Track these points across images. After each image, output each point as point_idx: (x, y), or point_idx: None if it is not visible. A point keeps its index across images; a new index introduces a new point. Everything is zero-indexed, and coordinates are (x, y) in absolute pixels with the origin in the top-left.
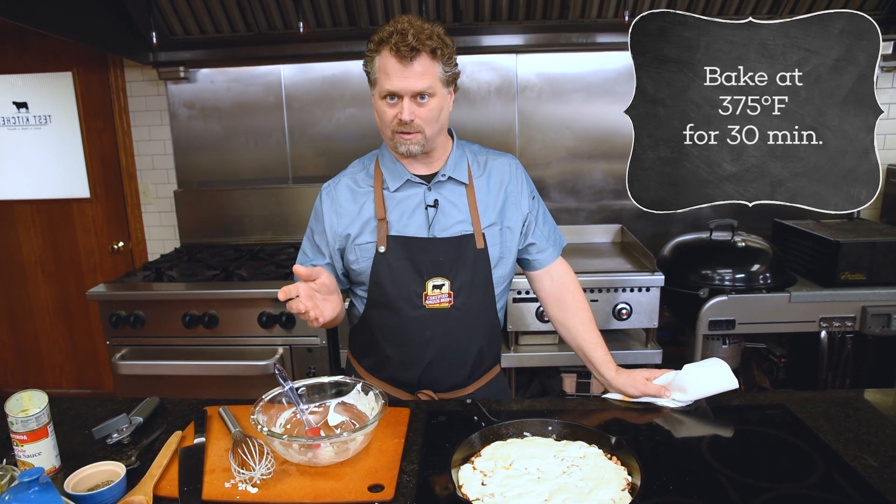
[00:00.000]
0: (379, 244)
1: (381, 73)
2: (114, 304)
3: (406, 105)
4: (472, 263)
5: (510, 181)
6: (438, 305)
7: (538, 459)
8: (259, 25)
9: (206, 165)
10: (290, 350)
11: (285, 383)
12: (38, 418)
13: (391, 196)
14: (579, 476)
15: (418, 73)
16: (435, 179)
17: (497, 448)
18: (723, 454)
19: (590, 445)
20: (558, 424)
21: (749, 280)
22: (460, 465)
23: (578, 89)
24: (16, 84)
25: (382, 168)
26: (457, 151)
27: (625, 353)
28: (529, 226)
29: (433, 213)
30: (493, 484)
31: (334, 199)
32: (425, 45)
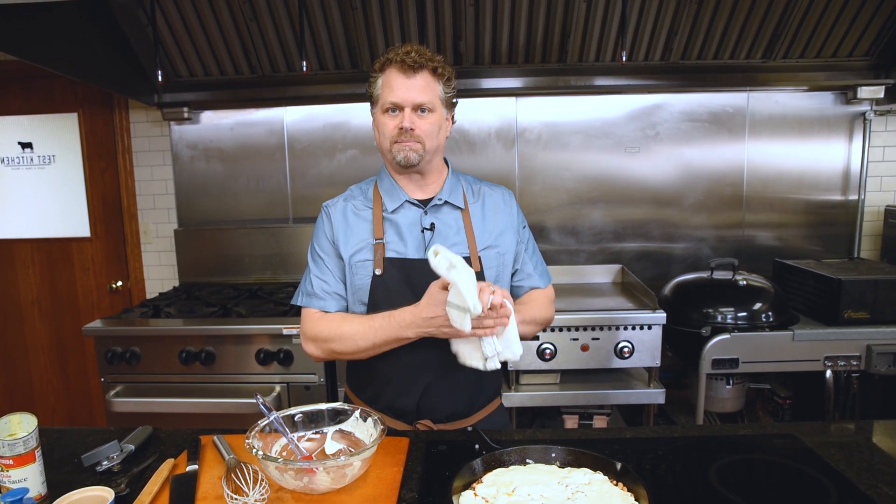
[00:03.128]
0: (375, 266)
1: (384, 88)
2: (109, 340)
3: (407, 114)
4: None
5: (504, 210)
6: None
7: (542, 486)
8: (263, 68)
9: (207, 205)
10: (288, 388)
11: (269, 413)
12: (26, 442)
13: (388, 217)
14: (585, 502)
15: (420, 87)
16: (431, 203)
17: (499, 475)
18: (732, 482)
19: (595, 472)
20: (562, 451)
21: (751, 318)
22: (461, 492)
23: (577, 132)
24: (22, 124)
25: (381, 191)
26: (452, 178)
27: (627, 393)
28: (519, 254)
29: (429, 235)
30: None
31: (333, 216)
32: (428, 63)
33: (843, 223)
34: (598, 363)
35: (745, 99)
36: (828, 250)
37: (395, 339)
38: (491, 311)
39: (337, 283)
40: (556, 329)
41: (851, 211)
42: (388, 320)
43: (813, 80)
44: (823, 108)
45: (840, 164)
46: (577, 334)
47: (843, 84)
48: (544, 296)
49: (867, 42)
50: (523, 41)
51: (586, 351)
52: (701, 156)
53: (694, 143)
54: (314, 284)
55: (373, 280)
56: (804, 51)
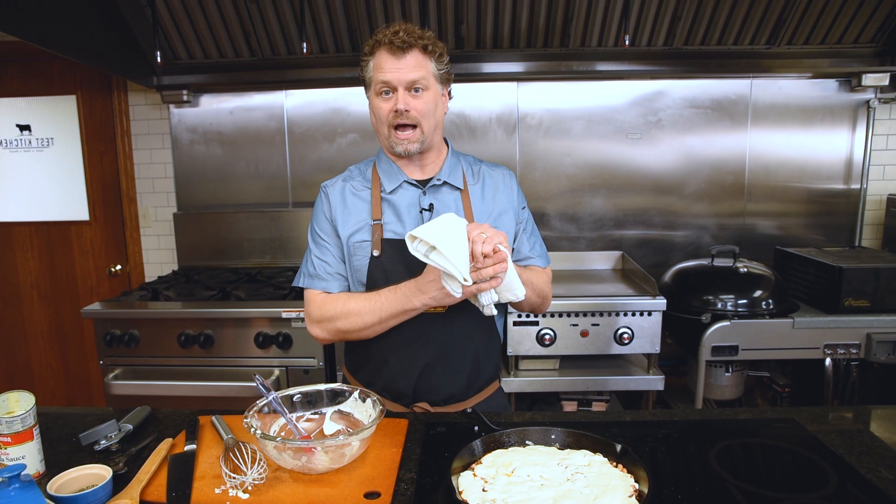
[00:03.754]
0: (373, 248)
1: (375, 71)
2: (108, 322)
3: (401, 95)
4: None
5: (504, 190)
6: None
7: (541, 467)
8: (263, 51)
9: (206, 189)
10: (287, 371)
11: (268, 393)
12: (24, 420)
13: (387, 198)
14: (584, 483)
15: (411, 65)
16: (430, 184)
17: (498, 456)
18: (732, 465)
19: (594, 454)
20: (561, 433)
21: (752, 306)
22: (460, 473)
23: (579, 118)
24: (20, 107)
25: (379, 171)
26: (452, 158)
27: (626, 379)
28: (518, 235)
29: (427, 216)
30: (494, 490)
31: (331, 197)
32: (417, 42)
33: (845, 212)
34: (597, 349)
35: (749, 86)
36: (829, 239)
37: (402, 311)
38: (487, 260)
39: (338, 264)
40: (556, 314)
41: (853, 200)
42: (395, 292)
43: (817, 67)
44: (827, 95)
45: (843, 153)
46: (576, 320)
47: (847, 71)
48: (544, 272)
49: (873, 28)
50: (525, 25)
51: (586, 337)
52: (703, 143)
53: (696, 130)
54: (315, 265)
55: (371, 261)
56: (809, 37)
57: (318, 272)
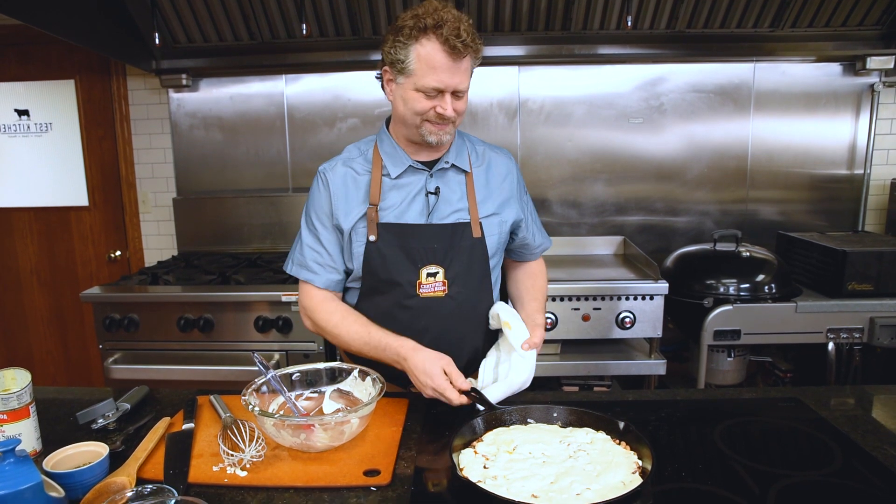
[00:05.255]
0: (369, 233)
1: (422, 65)
2: (108, 306)
3: (449, 101)
4: (468, 252)
5: (508, 176)
6: (432, 294)
7: (543, 444)
8: (262, 34)
9: (206, 174)
10: (287, 355)
11: (266, 371)
12: (20, 397)
13: (391, 183)
14: (587, 460)
15: (464, 71)
16: (437, 166)
17: (500, 434)
18: (736, 444)
19: (597, 432)
20: (564, 411)
21: (754, 290)
22: (461, 450)
23: (580, 102)
24: (18, 91)
25: (382, 154)
26: (458, 140)
27: (627, 364)
28: (525, 224)
29: (434, 200)
30: (495, 467)
31: (331, 184)
32: (474, 42)
33: (848, 198)
34: (599, 333)
35: (752, 70)
36: (832, 225)
37: (381, 361)
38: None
39: (329, 256)
40: (557, 299)
41: (857, 185)
42: (384, 347)
43: (821, 50)
44: (831, 79)
45: (846, 138)
46: (578, 304)
47: (851, 54)
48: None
49: (878, 11)
50: (527, 8)
51: (587, 321)
52: (705, 128)
53: (698, 115)
54: (306, 255)
55: (367, 245)
56: (813, 20)
57: (307, 262)
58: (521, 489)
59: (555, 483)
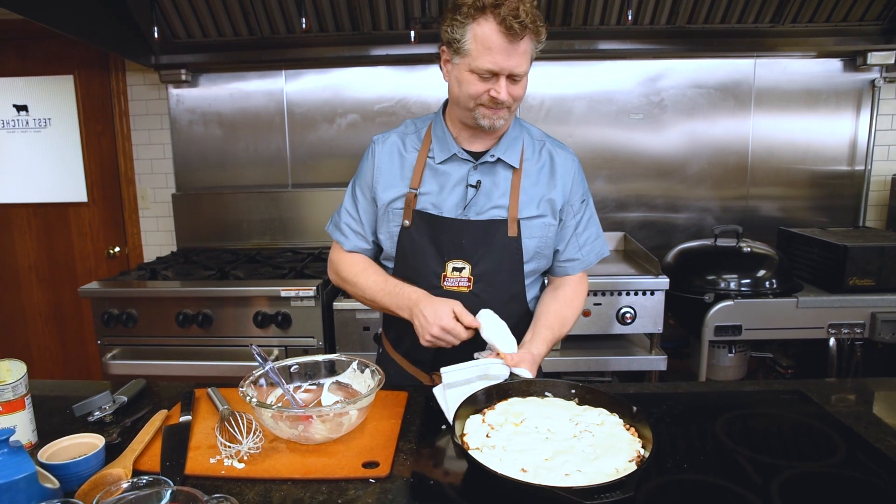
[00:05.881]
0: (404, 217)
1: (478, 46)
2: (106, 301)
3: (503, 85)
4: (500, 251)
5: (565, 177)
6: (456, 288)
7: (551, 420)
8: (262, 29)
9: (205, 170)
10: (286, 351)
11: (264, 363)
12: (15, 388)
13: (434, 167)
14: (589, 442)
15: (522, 53)
16: (483, 159)
17: (513, 404)
18: (739, 435)
19: (611, 413)
20: (583, 389)
21: (755, 285)
22: (469, 416)
23: (580, 99)
24: (17, 86)
25: (433, 135)
26: (512, 131)
27: (628, 360)
28: (562, 232)
29: (472, 193)
30: (497, 437)
31: (378, 155)
32: (533, 22)
33: (849, 194)
34: (599, 329)
35: (752, 65)
36: (833, 221)
37: (393, 311)
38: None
39: (361, 224)
40: None
41: (857, 181)
42: (397, 293)
43: (822, 46)
44: (832, 75)
45: (847, 134)
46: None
47: (852, 49)
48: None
49: (879, 6)
50: None
51: (588, 316)
52: (706, 124)
53: (699, 111)
54: (342, 218)
55: (401, 230)
56: (814, 15)
57: (341, 225)
58: (513, 461)
59: (549, 460)
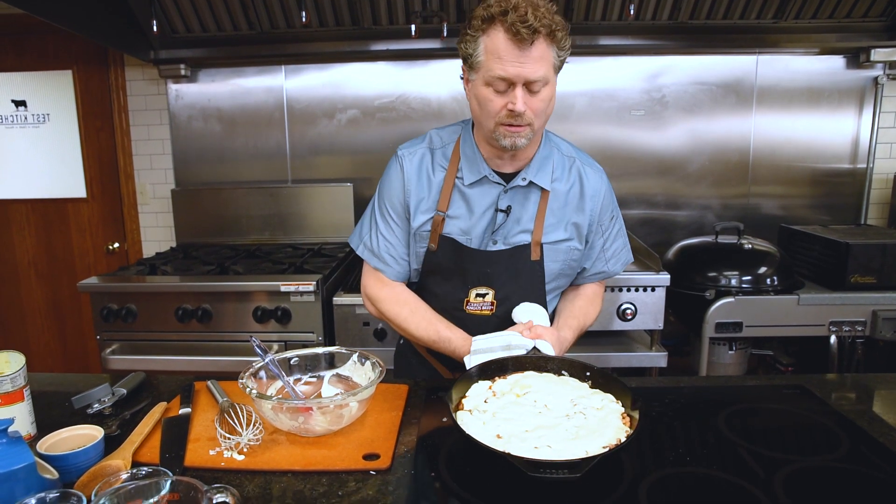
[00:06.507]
0: (431, 241)
1: (489, 56)
2: (105, 296)
3: (519, 95)
4: (523, 275)
5: (594, 198)
6: (479, 312)
7: (553, 397)
8: (261, 24)
9: (204, 165)
10: (286, 346)
11: (265, 355)
12: (14, 379)
13: (462, 189)
14: (578, 423)
15: (535, 59)
16: (513, 182)
17: (526, 377)
18: (741, 429)
19: (615, 401)
20: (597, 372)
21: (756, 282)
22: (480, 381)
23: (581, 95)
24: (15, 82)
25: (462, 154)
26: (544, 150)
27: (629, 356)
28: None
29: (502, 219)
30: (494, 404)
31: (407, 172)
32: (545, 26)
33: (851, 192)
34: (599, 325)
35: (754, 62)
36: (834, 219)
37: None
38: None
39: (402, 246)
40: None
41: (859, 179)
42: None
43: (825, 42)
44: (834, 72)
45: (849, 131)
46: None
47: (855, 46)
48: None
49: (883, 2)
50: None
51: None
52: (707, 121)
53: (700, 108)
54: (380, 244)
55: (426, 253)
56: (817, 11)
57: (380, 252)
58: (495, 428)
59: (529, 432)
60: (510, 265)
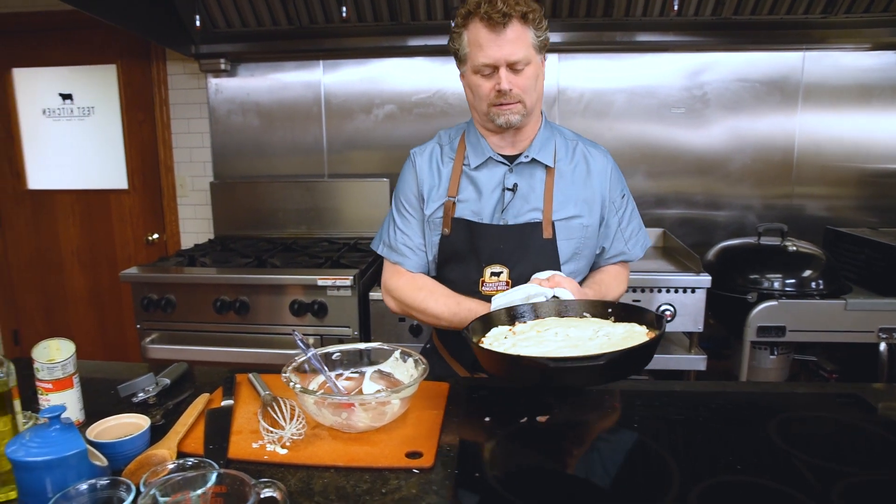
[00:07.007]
0: (444, 226)
1: (472, 46)
2: (146, 286)
3: (503, 74)
4: (536, 254)
5: (598, 174)
6: (494, 293)
7: (575, 329)
8: (300, 19)
9: (242, 159)
10: (322, 340)
11: (307, 350)
12: (65, 367)
13: (469, 174)
14: (601, 342)
15: (511, 41)
16: (517, 161)
17: (546, 321)
18: (793, 438)
19: (640, 326)
20: (619, 307)
21: (801, 286)
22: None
23: (620, 92)
24: (62, 76)
25: (467, 143)
26: (544, 132)
27: (666, 358)
28: (605, 230)
29: (509, 197)
30: (514, 339)
31: (419, 166)
32: (515, 10)
33: None
34: None
35: (801, 59)
36: (883, 221)
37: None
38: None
39: (418, 237)
40: None
41: None
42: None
43: (877, 38)
44: (886, 68)
45: None
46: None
47: None
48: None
49: None
50: None
51: None
52: (750, 119)
53: (743, 106)
54: (396, 238)
55: (441, 239)
56: (870, 5)
57: (397, 246)
58: (514, 351)
59: (551, 352)
60: (522, 242)
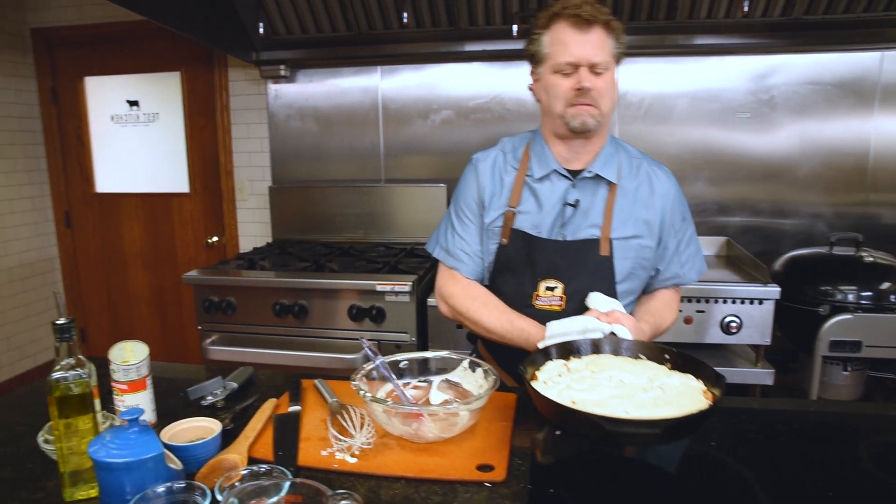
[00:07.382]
0: (502, 236)
1: (555, 46)
2: (207, 289)
3: (584, 73)
4: (592, 270)
5: (664, 198)
6: (548, 307)
7: (630, 374)
8: (359, 25)
9: (300, 164)
10: (379, 345)
11: (375, 358)
12: (139, 369)
13: (532, 185)
14: (655, 396)
15: (595, 43)
16: (581, 176)
17: (602, 357)
18: (888, 463)
19: (696, 380)
20: (676, 354)
21: (878, 298)
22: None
23: (682, 96)
24: (130, 83)
25: (532, 153)
26: (609, 147)
27: (731, 372)
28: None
29: (570, 212)
30: (568, 378)
31: (481, 173)
32: (601, 16)
33: None
34: (700, 337)
35: (878, 59)
36: None
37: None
38: None
39: (476, 244)
40: None
41: None
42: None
43: None
44: None
45: None
46: (680, 306)
47: None
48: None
49: None
50: None
51: (689, 324)
52: (820, 123)
53: (813, 110)
54: (455, 242)
55: (498, 248)
56: None
57: (454, 250)
58: (568, 395)
59: (604, 401)
60: (578, 259)
